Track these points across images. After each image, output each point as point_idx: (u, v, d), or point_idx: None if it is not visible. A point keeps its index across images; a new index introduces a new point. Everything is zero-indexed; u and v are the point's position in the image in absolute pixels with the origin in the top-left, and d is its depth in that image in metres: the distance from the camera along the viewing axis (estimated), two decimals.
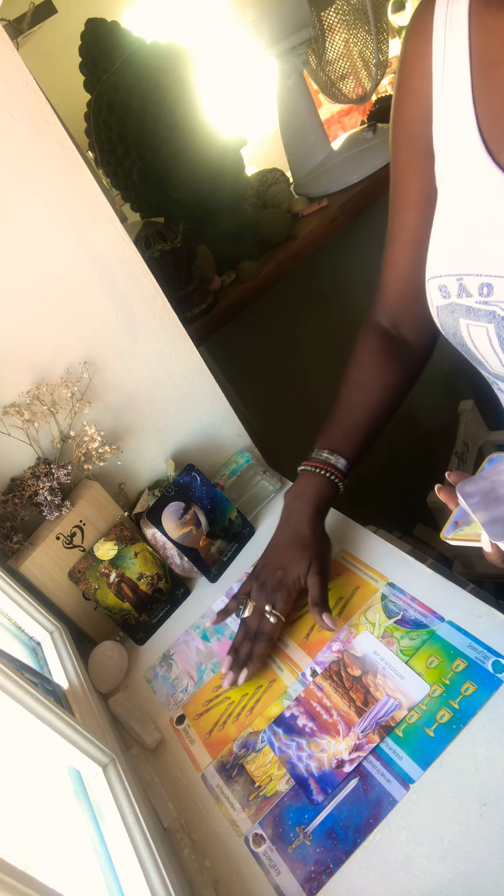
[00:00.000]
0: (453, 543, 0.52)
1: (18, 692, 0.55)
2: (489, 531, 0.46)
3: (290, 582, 0.70)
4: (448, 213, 0.56)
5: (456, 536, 0.51)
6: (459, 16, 0.51)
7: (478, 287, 0.52)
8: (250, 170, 1.49)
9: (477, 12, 0.50)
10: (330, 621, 0.66)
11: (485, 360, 0.58)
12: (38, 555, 0.79)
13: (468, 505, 0.49)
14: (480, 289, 0.52)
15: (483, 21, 0.49)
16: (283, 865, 0.54)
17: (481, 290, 0.52)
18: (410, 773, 0.55)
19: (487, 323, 0.53)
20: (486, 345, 0.55)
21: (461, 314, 0.55)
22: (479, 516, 0.48)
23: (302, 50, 1.26)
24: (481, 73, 0.50)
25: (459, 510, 0.52)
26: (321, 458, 0.73)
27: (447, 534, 0.52)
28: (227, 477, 0.97)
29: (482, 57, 0.50)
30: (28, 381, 0.81)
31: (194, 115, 1.18)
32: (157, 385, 0.92)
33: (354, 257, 1.41)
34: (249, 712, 0.68)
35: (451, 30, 0.51)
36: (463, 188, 0.53)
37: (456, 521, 0.52)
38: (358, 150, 1.33)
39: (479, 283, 0.52)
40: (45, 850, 0.53)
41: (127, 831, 0.55)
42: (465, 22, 0.50)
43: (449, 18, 0.51)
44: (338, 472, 0.72)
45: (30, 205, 0.74)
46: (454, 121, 0.52)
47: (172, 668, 0.78)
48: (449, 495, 0.53)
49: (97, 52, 1.14)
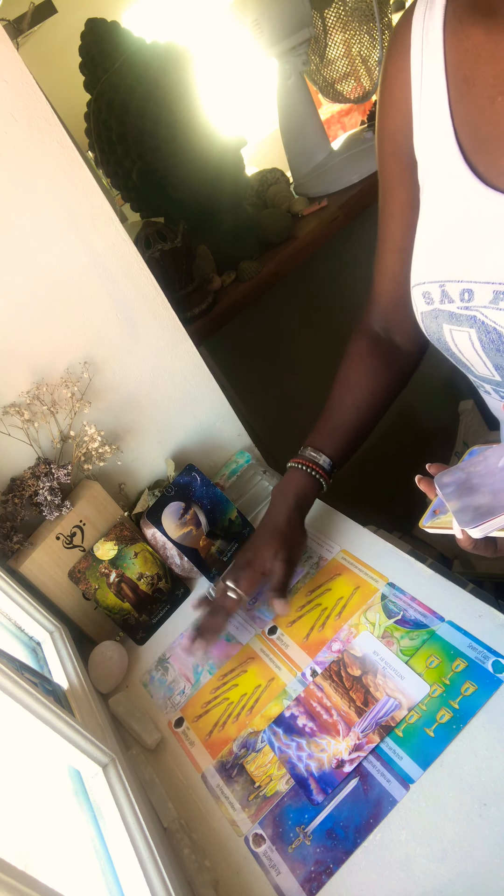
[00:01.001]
0: (430, 531, 0.54)
1: (18, 692, 0.55)
2: (458, 518, 0.48)
3: (256, 564, 0.72)
4: (430, 222, 0.57)
5: (433, 524, 0.53)
6: (435, 31, 0.52)
7: (459, 293, 0.54)
8: (250, 170, 1.49)
9: (451, 28, 0.52)
10: (281, 607, 0.70)
11: (470, 364, 0.59)
12: (38, 555, 0.79)
13: (443, 494, 0.51)
14: (462, 294, 0.54)
15: (457, 37, 0.51)
16: (283, 865, 0.54)
17: (462, 295, 0.54)
18: (410, 773, 0.55)
19: (469, 328, 0.55)
20: (469, 349, 0.57)
21: (444, 320, 0.57)
22: (451, 505, 0.50)
23: (302, 50, 1.26)
24: (457, 86, 0.52)
25: (438, 500, 0.54)
26: (306, 456, 0.76)
27: (425, 522, 0.54)
28: (227, 477, 0.97)
29: (457, 70, 0.52)
30: (28, 381, 0.81)
31: (194, 115, 1.18)
32: (157, 385, 0.92)
33: (354, 257, 1.41)
34: (249, 712, 0.68)
35: (427, 44, 0.53)
36: (443, 197, 0.55)
37: (434, 510, 0.55)
38: (358, 150, 1.33)
39: (461, 288, 0.54)
40: (44, 850, 0.53)
41: (127, 831, 0.55)
42: (440, 37, 0.52)
43: (425, 33, 0.53)
44: (321, 469, 0.75)
45: (30, 205, 0.74)
46: (433, 132, 0.54)
47: (169, 672, 0.78)
48: (429, 486, 0.54)
49: (97, 52, 1.14)
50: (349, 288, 1.44)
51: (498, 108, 0.49)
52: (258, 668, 0.71)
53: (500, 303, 0.51)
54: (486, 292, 0.52)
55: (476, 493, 0.49)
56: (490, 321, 0.53)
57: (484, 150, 0.51)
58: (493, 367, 0.57)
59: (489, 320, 0.53)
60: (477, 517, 0.46)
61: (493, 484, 0.48)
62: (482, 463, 0.51)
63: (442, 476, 0.53)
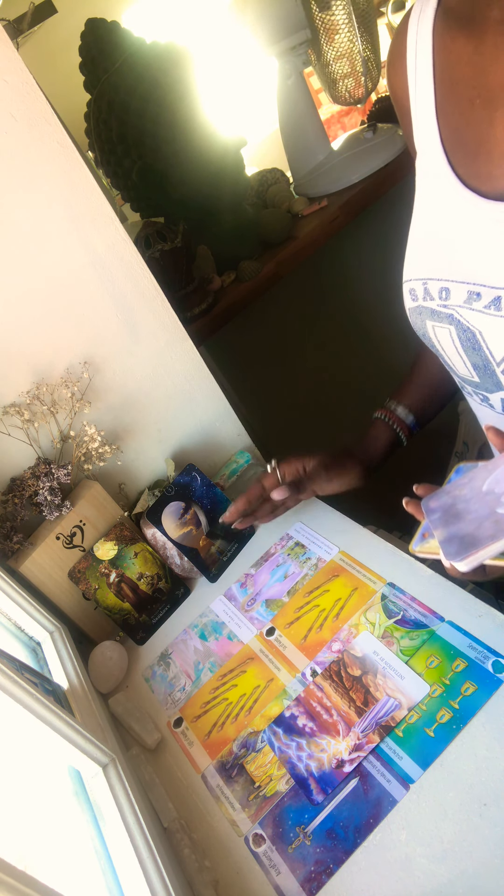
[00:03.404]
0: (420, 556, 0.53)
1: (18, 692, 0.55)
2: (445, 550, 0.47)
3: (299, 455, 0.78)
4: (418, 219, 0.58)
5: (422, 549, 0.53)
6: (425, 32, 0.53)
7: (438, 291, 0.55)
8: (250, 170, 1.49)
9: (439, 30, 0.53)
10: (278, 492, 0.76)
11: (452, 363, 0.60)
12: (38, 555, 0.79)
13: (430, 521, 0.51)
14: (440, 292, 0.55)
15: (444, 41, 0.52)
16: (283, 865, 0.54)
17: (441, 293, 0.55)
18: (410, 773, 0.55)
19: (449, 325, 0.56)
20: (450, 346, 0.58)
21: (427, 316, 0.58)
22: (437, 534, 0.49)
23: (302, 50, 1.26)
24: (443, 88, 0.53)
25: (426, 523, 0.54)
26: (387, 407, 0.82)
27: (415, 546, 0.54)
28: (227, 477, 0.97)
29: (444, 72, 0.53)
30: (28, 381, 0.81)
31: (194, 115, 1.18)
32: (157, 385, 0.92)
33: (354, 257, 1.42)
34: (248, 713, 0.68)
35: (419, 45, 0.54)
36: (430, 196, 0.56)
37: (423, 533, 0.54)
38: (358, 150, 1.32)
39: (439, 287, 0.55)
40: (44, 850, 0.53)
41: (127, 831, 0.55)
42: (429, 39, 0.53)
43: (418, 35, 0.54)
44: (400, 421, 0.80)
45: (30, 205, 0.74)
46: (423, 131, 0.55)
47: (170, 668, 0.78)
48: (416, 508, 0.54)
49: (97, 52, 1.14)
50: (349, 288, 1.44)
51: (476, 112, 0.50)
52: (257, 668, 0.71)
53: (473, 303, 0.52)
54: (461, 292, 0.53)
55: (461, 521, 0.48)
56: (465, 320, 0.54)
57: (464, 151, 0.52)
58: (471, 366, 0.57)
59: (464, 319, 0.54)
60: (462, 549, 0.46)
61: (477, 510, 0.47)
62: (467, 485, 0.51)
63: (429, 500, 0.53)
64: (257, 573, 0.83)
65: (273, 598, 0.78)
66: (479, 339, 0.54)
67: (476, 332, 0.53)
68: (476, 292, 0.52)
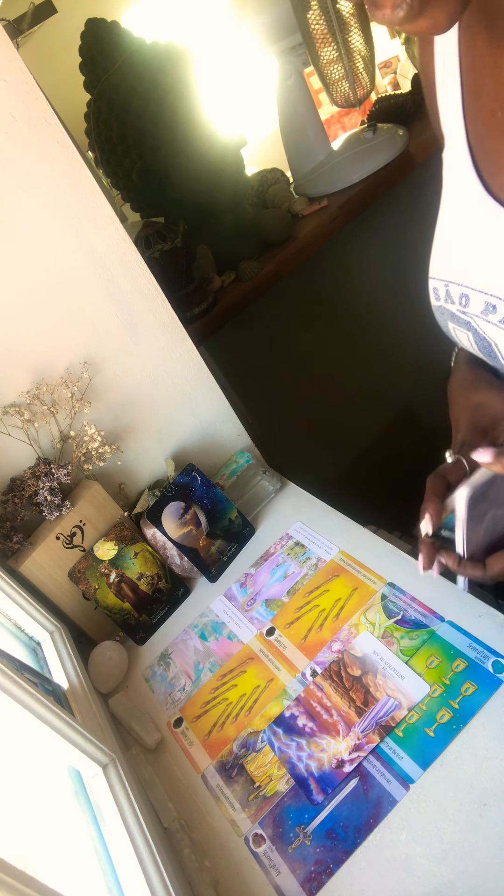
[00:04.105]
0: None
1: (18, 692, 0.55)
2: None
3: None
4: (444, 218, 0.57)
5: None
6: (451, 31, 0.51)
7: (458, 296, 0.55)
8: (250, 170, 1.49)
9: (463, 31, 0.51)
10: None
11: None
12: (38, 555, 0.79)
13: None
14: (461, 298, 0.54)
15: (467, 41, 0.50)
16: (283, 865, 0.54)
17: (461, 299, 0.54)
18: (410, 773, 0.55)
19: (467, 331, 0.56)
20: (471, 349, 0.57)
21: (448, 318, 0.58)
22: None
23: (302, 50, 1.26)
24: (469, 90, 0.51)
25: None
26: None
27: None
28: (227, 477, 0.97)
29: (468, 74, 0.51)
30: (28, 381, 0.81)
31: (194, 115, 1.18)
32: (157, 385, 0.92)
33: (354, 257, 1.41)
34: (248, 713, 0.68)
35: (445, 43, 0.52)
36: (455, 196, 0.55)
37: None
38: (358, 150, 1.32)
39: (460, 292, 0.54)
40: (44, 850, 0.53)
41: (127, 831, 0.55)
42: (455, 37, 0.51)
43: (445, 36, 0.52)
44: None
45: (30, 205, 0.74)
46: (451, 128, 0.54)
47: (170, 668, 0.78)
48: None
49: (97, 52, 1.14)
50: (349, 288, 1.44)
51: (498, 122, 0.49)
52: (257, 668, 0.71)
53: (490, 315, 0.51)
54: (479, 301, 0.52)
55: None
56: (481, 330, 0.53)
57: (488, 159, 0.51)
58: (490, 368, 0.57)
59: (481, 329, 0.53)
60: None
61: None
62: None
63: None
64: (257, 573, 0.83)
65: (273, 597, 0.78)
66: (496, 350, 0.53)
67: (492, 343, 0.53)
68: (493, 304, 0.51)
